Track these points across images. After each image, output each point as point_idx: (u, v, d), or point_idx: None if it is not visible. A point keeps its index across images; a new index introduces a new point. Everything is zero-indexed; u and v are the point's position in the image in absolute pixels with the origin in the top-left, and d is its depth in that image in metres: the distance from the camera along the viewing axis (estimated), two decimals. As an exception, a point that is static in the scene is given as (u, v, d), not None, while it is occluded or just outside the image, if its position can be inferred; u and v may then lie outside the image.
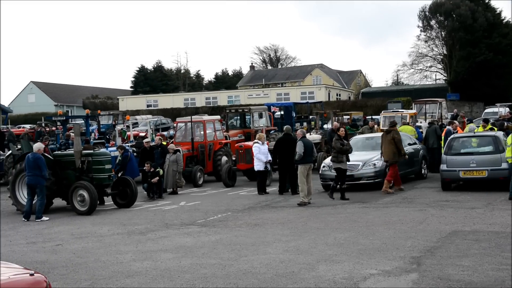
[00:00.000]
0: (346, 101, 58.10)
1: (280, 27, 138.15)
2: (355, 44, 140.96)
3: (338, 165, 15.79)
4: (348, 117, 34.95)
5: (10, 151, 21.26)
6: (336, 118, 31.51)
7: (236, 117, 27.95)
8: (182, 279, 8.31)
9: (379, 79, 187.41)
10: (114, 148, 21.69)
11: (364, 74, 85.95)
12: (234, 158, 21.18)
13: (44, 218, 14.40)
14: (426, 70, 69.55)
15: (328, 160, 18.09)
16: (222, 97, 64.62)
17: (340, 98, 63.41)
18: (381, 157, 17.27)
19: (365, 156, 17.76)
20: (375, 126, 26.54)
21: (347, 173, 16.92)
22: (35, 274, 5.15)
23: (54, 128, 32.41)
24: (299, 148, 15.34)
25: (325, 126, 30.58)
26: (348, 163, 16.01)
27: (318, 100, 48.69)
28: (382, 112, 30.11)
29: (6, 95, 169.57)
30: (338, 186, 15.85)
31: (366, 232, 11.14)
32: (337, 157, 15.82)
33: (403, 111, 29.47)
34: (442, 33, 63.07)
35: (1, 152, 24.01)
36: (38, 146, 14.89)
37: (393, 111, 29.81)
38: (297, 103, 37.33)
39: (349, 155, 16.70)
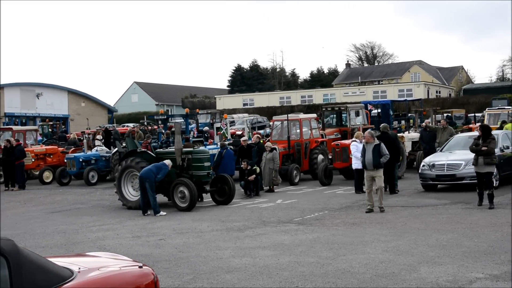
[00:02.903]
0: (446, 99, 56.05)
1: (377, 24, 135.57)
2: (455, 39, 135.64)
3: (475, 168, 14.05)
4: (449, 114, 33.66)
5: (116, 149, 22.36)
6: (434, 116, 30.42)
7: (332, 115, 27.72)
8: (281, 277, 8.36)
9: (483, 75, 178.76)
10: (213, 146, 22.23)
11: (466, 70, 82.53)
12: (330, 157, 21.03)
13: (162, 212, 14.89)
14: (536, 65, 65.63)
15: (428, 159, 17.52)
16: (317, 95, 64.36)
17: (440, 96, 61.28)
18: None
19: (468, 155, 17.01)
20: (475, 124, 25.38)
21: (449, 173, 16.34)
22: (143, 267, 5.37)
23: (155, 127, 33.67)
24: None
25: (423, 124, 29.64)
26: (451, 162, 15.32)
27: (417, 97, 47.32)
28: (486, 110, 28.78)
29: (112, 96, 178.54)
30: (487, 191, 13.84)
31: (470, 234, 10.69)
32: (475, 159, 13.94)
33: (509, 108, 27.98)
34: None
35: (108, 150, 25.27)
36: (169, 162, 15.43)
37: (498, 108, 28.42)
38: (395, 101, 36.46)
39: (451, 154, 16.07)
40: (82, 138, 29.63)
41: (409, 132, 24.10)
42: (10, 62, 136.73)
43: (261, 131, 33.45)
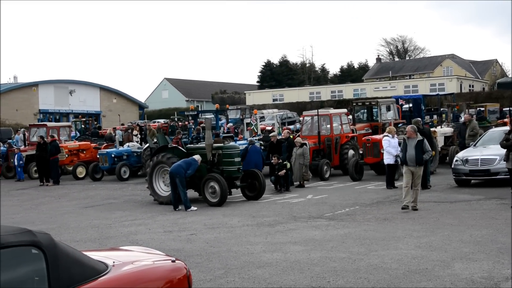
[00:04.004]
0: (480, 93, 55.06)
1: (408, 17, 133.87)
2: (489, 32, 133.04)
3: (507, 164, 13.54)
4: (483, 109, 33.03)
5: (148, 144, 22.57)
6: (468, 110, 29.90)
7: (362, 110, 27.46)
8: (312, 272, 8.34)
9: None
10: (243, 142, 22.26)
11: (501, 64, 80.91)
12: (361, 152, 20.89)
13: (193, 208, 14.97)
14: None
15: (461, 154, 17.26)
16: (347, 90, 63.91)
17: (473, 90, 60.24)
18: None
19: (502, 150, 16.69)
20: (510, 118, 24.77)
21: (482, 168, 16.04)
22: (176, 261, 5.41)
23: (186, 123, 33.86)
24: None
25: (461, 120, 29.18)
26: (485, 157, 14.98)
27: (449, 92, 46.61)
28: (521, 103, 28.13)
29: (143, 92, 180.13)
30: None
31: (505, 230, 10.50)
32: (506, 155, 13.48)
33: (545, 102, 27.32)
34: None
35: (139, 145, 25.53)
36: (198, 157, 15.51)
37: (533, 102, 27.75)
38: (427, 95, 35.92)
39: (485, 149, 15.73)
40: (115, 134, 30.00)
41: (441, 127, 23.76)
42: (44, 60, 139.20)
43: (291, 127, 33.35)
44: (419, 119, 18.73)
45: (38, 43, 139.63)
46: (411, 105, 31.66)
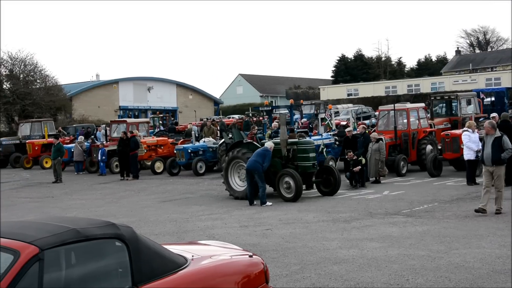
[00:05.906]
0: None
1: (490, 7, 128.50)
2: None
3: None
4: None
5: (223, 140, 22.85)
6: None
7: (441, 104, 26.66)
8: (390, 269, 8.18)
9: None
10: (317, 137, 22.13)
11: None
12: (439, 147, 20.30)
13: (268, 203, 15.05)
14: None
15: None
16: (425, 84, 62.17)
17: (562, 81, 57.08)
18: None
19: None
20: None
21: None
22: (253, 256, 5.45)
23: (260, 118, 34.05)
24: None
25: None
26: None
27: (535, 84, 44.39)
28: None
29: (218, 88, 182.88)
30: None
31: None
32: None
33: None
34: None
35: (215, 141, 25.90)
36: (270, 144, 15.69)
37: None
38: (511, 88, 34.41)
39: None
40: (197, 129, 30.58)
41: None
42: (124, 58, 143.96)
43: (366, 122, 32.85)
44: (507, 113, 17.93)
45: (118, 42, 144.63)
46: (493, 98, 30.45)
